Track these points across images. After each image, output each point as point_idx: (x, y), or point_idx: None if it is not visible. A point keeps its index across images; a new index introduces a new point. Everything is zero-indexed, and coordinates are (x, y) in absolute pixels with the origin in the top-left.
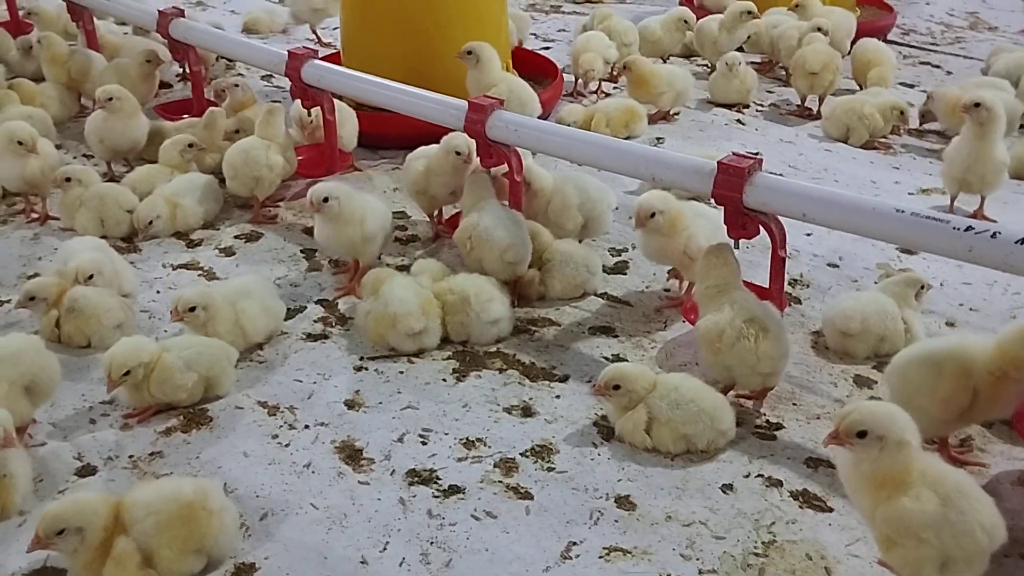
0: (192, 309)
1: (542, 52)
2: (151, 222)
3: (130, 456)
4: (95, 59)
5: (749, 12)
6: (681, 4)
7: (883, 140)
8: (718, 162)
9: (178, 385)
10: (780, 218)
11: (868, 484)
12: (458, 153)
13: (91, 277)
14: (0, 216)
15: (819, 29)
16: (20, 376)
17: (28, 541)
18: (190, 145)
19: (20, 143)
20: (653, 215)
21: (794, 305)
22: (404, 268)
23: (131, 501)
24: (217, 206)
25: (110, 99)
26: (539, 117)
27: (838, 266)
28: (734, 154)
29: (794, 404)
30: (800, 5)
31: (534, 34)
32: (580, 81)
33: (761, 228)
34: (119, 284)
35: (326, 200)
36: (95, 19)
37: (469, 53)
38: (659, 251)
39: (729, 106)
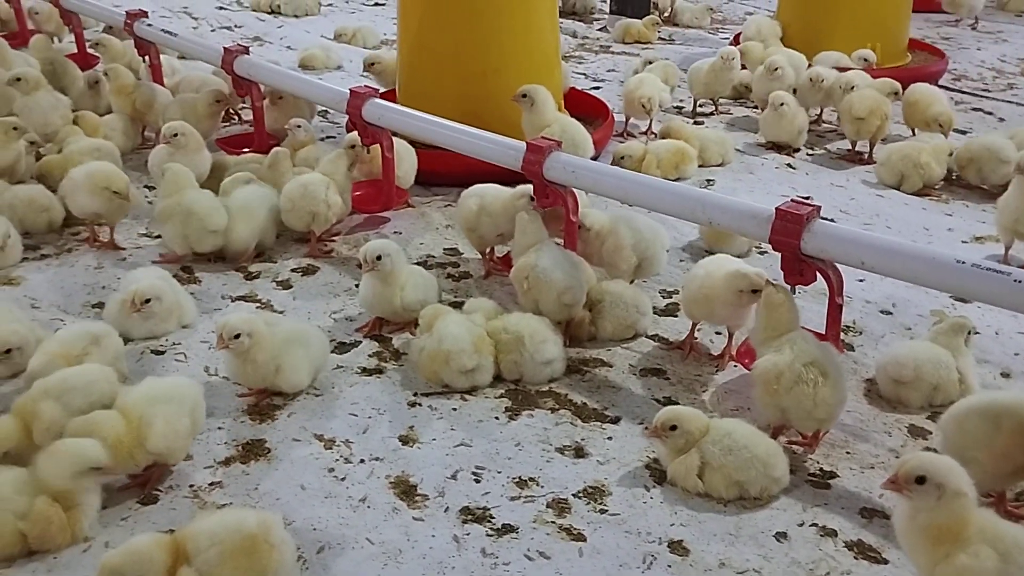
0: (237, 336)
1: (592, 92)
2: (148, 300)
3: (190, 485)
4: (159, 92)
5: (733, 58)
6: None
7: (936, 188)
8: (776, 208)
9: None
10: (837, 265)
11: (926, 538)
12: (532, 198)
13: (147, 301)
14: (65, 244)
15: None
16: (91, 407)
17: (91, 566)
18: (248, 182)
19: (116, 192)
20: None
21: (847, 352)
22: (457, 305)
23: (195, 531)
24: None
25: (175, 135)
26: (591, 157)
27: (891, 313)
28: (793, 200)
29: (848, 453)
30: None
31: (583, 74)
32: (629, 120)
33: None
34: (179, 314)
35: (379, 258)
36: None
37: (524, 96)
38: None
39: (780, 148)
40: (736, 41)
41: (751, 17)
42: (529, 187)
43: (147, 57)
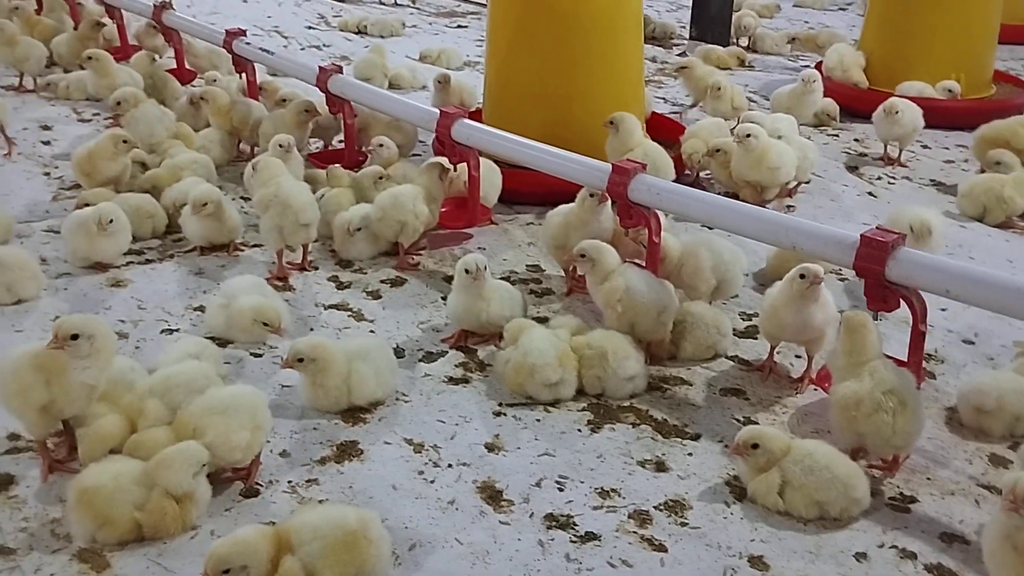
0: (300, 360)
1: (672, 116)
2: (266, 324)
3: (289, 481)
4: (254, 108)
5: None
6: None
7: (1020, 220)
8: (861, 235)
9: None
10: (921, 293)
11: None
12: (592, 195)
13: (265, 325)
14: (167, 250)
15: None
16: None
17: (198, 552)
18: (380, 177)
19: (204, 204)
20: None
21: (928, 380)
22: (540, 320)
23: (299, 524)
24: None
25: (280, 146)
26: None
27: (973, 343)
28: (878, 228)
29: (928, 479)
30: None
31: (663, 98)
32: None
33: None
34: (279, 319)
35: (484, 268)
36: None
37: (611, 123)
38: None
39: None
40: (819, 68)
41: (833, 46)
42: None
43: (244, 74)
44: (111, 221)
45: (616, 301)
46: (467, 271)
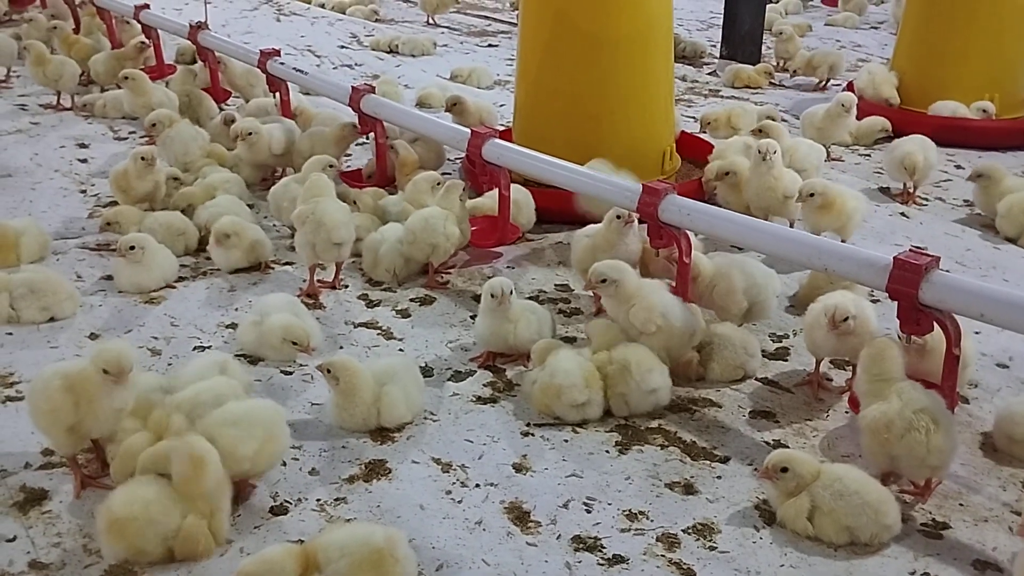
0: (328, 371)
1: (702, 136)
2: (295, 344)
3: (317, 499)
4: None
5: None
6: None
7: None
8: (894, 258)
9: None
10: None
11: None
12: (619, 216)
13: (292, 344)
14: (200, 267)
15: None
16: None
17: (228, 570)
18: (438, 183)
19: (227, 236)
20: (847, 319)
21: (962, 404)
22: (569, 340)
23: (326, 542)
24: None
25: (329, 167)
26: (703, 199)
27: (1008, 367)
28: (911, 250)
29: (961, 504)
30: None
31: (692, 118)
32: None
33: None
34: (307, 339)
35: (511, 292)
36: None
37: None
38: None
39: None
40: (850, 88)
41: (865, 65)
42: (617, 208)
43: (278, 93)
44: (131, 248)
45: (655, 326)
46: (492, 295)
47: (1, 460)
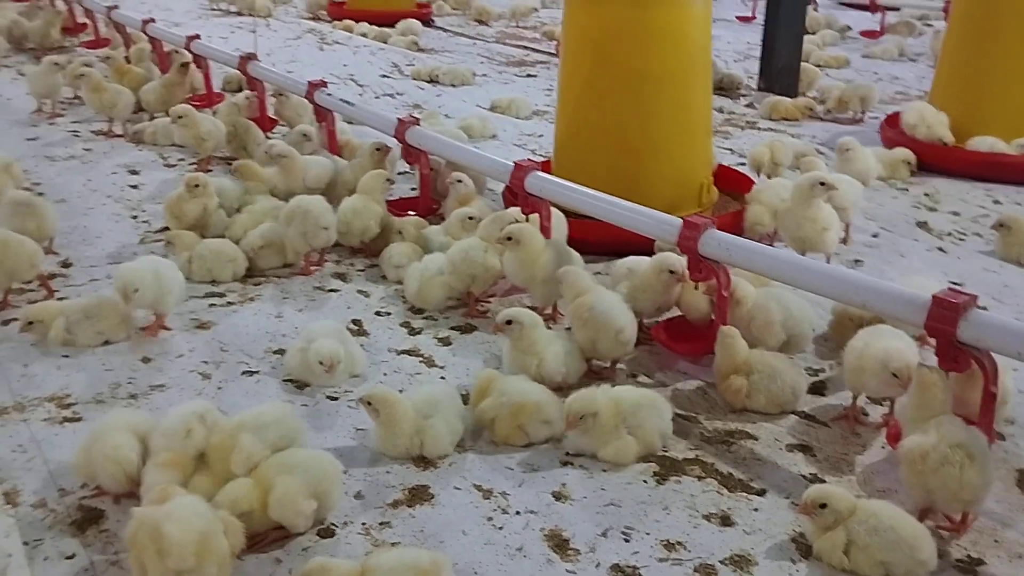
0: (369, 404)
1: (739, 168)
2: (331, 367)
3: (363, 523)
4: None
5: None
6: (885, 122)
7: None
8: (933, 296)
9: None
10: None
11: None
12: (672, 272)
13: (332, 366)
14: (248, 293)
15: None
16: (281, 439)
17: None
18: (470, 217)
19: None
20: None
21: (998, 441)
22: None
23: (375, 564)
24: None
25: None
26: (735, 232)
27: None
28: (950, 289)
29: (996, 541)
30: None
31: (729, 149)
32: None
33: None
34: (352, 366)
35: (508, 323)
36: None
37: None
38: None
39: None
40: (893, 123)
41: (912, 103)
42: (670, 256)
43: (324, 123)
44: (136, 291)
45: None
46: (508, 322)
47: (59, 480)
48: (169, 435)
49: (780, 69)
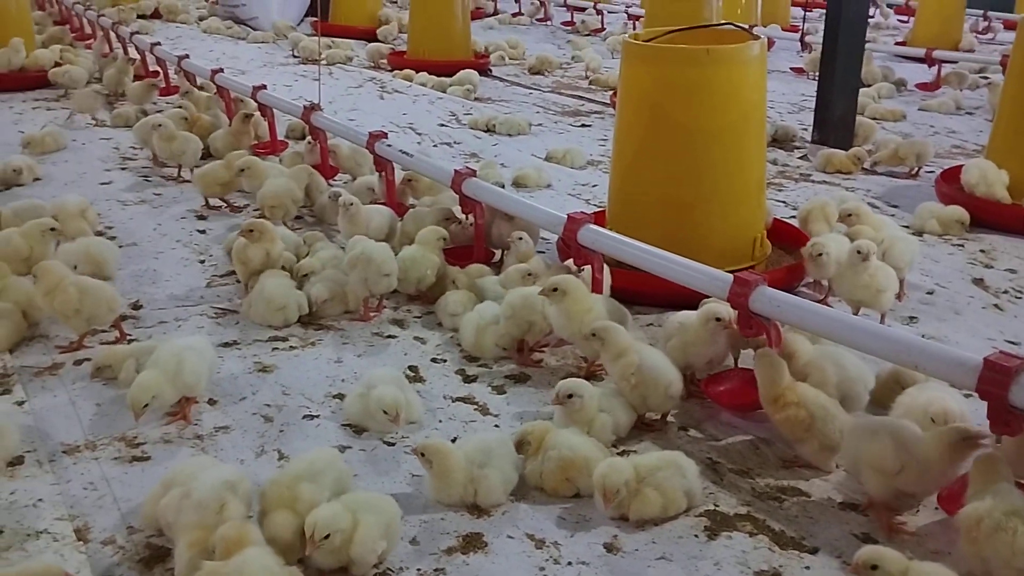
0: (423, 455)
1: (791, 222)
2: (397, 416)
3: (418, 569)
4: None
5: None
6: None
7: None
8: (984, 359)
9: None
10: None
11: None
12: (718, 319)
13: (396, 416)
14: (309, 338)
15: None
16: (336, 483)
17: None
18: (529, 274)
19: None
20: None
21: None
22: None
23: None
24: None
25: (441, 238)
26: (787, 288)
27: None
28: (1002, 352)
29: None
30: None
31: (783, 202)
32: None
33: None
34: (409, 413)
35: (570, 396)
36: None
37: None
38: None
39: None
40: (950, 178)
41: (972, 161)
42: (716, 305)
43: (383, 172)
44: (145, 406)
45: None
46: (569, 396)
47: (128, 518)
48: (202, 509)
49: (835, 122)
